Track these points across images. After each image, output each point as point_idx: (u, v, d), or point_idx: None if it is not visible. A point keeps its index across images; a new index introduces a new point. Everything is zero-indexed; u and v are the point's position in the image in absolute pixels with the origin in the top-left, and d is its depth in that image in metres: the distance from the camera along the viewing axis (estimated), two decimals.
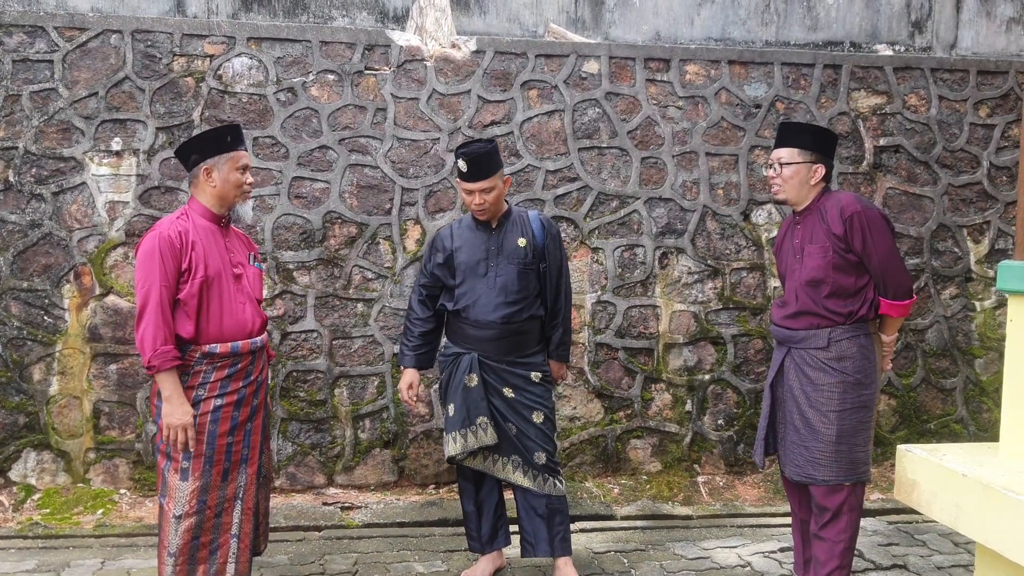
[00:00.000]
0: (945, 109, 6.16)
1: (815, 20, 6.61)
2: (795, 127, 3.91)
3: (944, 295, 6.09)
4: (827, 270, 3.64)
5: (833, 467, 3.62)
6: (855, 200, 3.65)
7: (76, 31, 5.41)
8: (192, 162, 3.45)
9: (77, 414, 5.33)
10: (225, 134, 3.48)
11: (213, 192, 3.47)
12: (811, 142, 3.76)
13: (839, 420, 3.62)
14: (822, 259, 3.65)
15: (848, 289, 3.65)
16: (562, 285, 4.18)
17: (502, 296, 3.99)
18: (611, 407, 5.76)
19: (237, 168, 3.48)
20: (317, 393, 5.54)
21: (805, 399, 3.69)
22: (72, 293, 5.33)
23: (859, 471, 3.66)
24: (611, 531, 4.91)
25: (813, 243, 3.70)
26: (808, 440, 3.67)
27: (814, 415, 3.66)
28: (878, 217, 3.64)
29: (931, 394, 6.03)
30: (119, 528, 4.85)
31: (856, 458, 3.65)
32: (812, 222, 3.73)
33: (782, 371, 3.82)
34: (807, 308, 3.70)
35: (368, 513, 5.12)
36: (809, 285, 3.69)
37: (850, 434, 3.63)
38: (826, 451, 3.62)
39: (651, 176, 5.89)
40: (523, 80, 5.81)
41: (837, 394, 3.63)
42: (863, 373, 3.65)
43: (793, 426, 3.74)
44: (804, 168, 3.73)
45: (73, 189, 5.37)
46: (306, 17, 6.04)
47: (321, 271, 5.58)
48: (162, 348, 3.29)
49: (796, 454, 3.72)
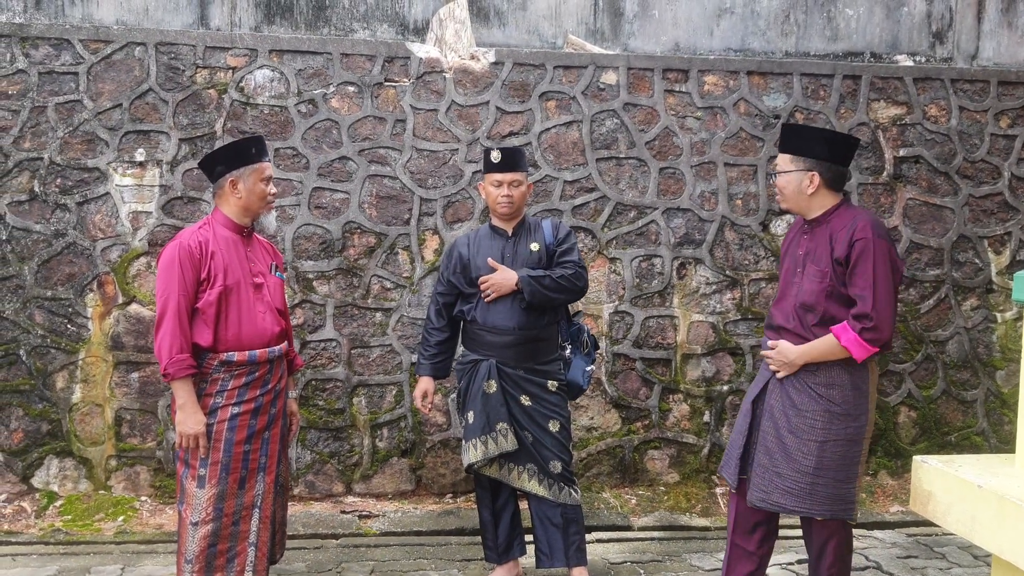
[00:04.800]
0: (966, 120, 6.13)
1: (835, 31, 6.60)
2: (791, 131, 3.61)
3: (965, 306, 6.05)
4: (820, 297, 3.40)
5: (808, 499, 3.36)
6: (869, 226, 3.35)
7: (101, 44, 5.49)
8: (217, 173, 3.51)
9: (99, 422, 5.39)
10: (250, 146, 3.53)
11: (238, 203, 3.52)
12: (805, 148, 3.47)
13: (819, 451, 3.35)
14: (818, 284, 3.41)
15: (839, 320, 3.38)
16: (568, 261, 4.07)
17: (519, 302, 4.01)
18: (628, 417, 5.76)
19: (262, 179, 3.53)
20: (336, 402, 5.57)
21: (786, 423, 3.44)
22: (95, 302, 5.40)
23: (839, 507, 3.40)
24: (628, 542, 4.91)
25: (814, 263, 3.46)
26: (780, 466, 3.42)
27: (793, 442, 3.41)
28: (886, 248, 3.34)
29: (952, 406, 5.99)
30: (139, 535, 4.90)
31: (837, 494, 3.38)
32: (820, 238, 3.47)
33: (765, 389, 3.59)
34: (798, 331, 3.47)
35: (385, 522, 5.15)
36: (802, 308, 3.47)
37: (832, 468, 3.36)
38: (801, 481, 3.36)
39: (669, 186, 5.89)
40: (541, 91, 5.84)
41: (820, 423, 3.37)
42: (851, 404, 3.39)
43: (765, 448, 3.49)
44: (796, 177, 3.48)
45: (97, 199, 5.44)
46: (328, 30, 6.09)
47: (340, 281, 5.62)
48: (178, 356, 3.34)
49: (764, 479, 3.46)
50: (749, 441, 3.61)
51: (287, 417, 3.76)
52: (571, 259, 4.08)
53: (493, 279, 4.01)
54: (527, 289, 3.96)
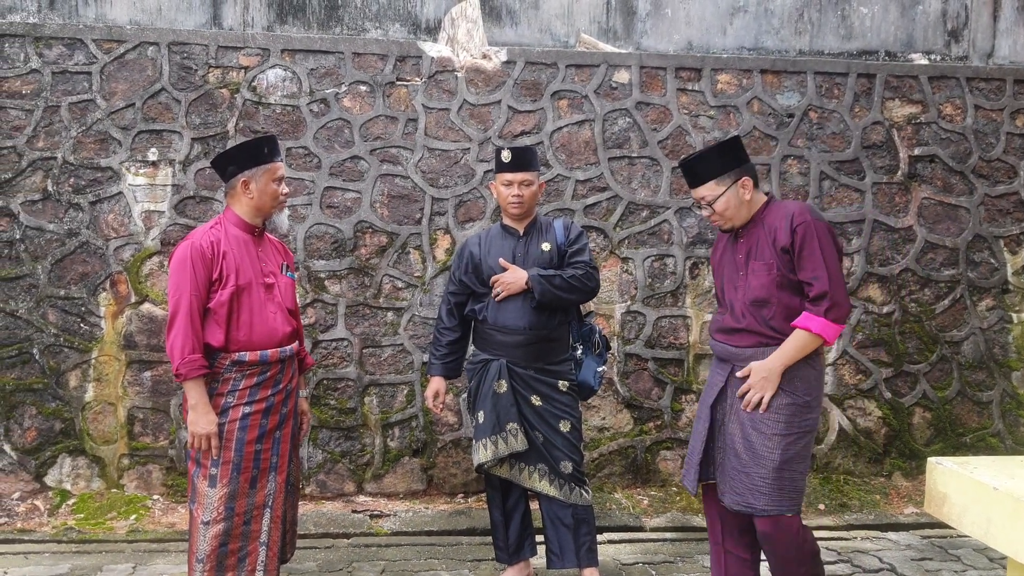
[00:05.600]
0: (981, 118, 6.08)
1: (849, 29, 6.56)
2: (697, 160, 3.55)
3: (980, 307, 6.00)
4: (771, 288, 3.37)
5: (775, 495, 3.31)
6: (805, 210, 3.37)
7: (114, 43, 5.51)
8: (229, 173, 3.50)
9: (112, 420, 5.41)
10: (262, 146, 3.53)
11: (250, 203, 3.52)
12: (721, 165, 3.46)
13: (783, 445, 3.32)
14: (766, 276, 3.38)
15: (795, 308, 3.36)
16: (579, 262, 4.05)
17: (530, 302, 3.99)
18: (640, 418, 5.74)
19: (274, 179, 3.53)
20: (347, 401, 5.57)
21: (750, 421, 3.38)
22: (108, 301, 5.42)
23: (800, 501, 3.39)
24: (640, 543, 4.89)
25: (757, 259, 3.43)
26: (749, 466, 3.37)
27: (758, 439, 3.35)
28: (826, 228, 3.35)
29: (967, 407, 5.94)
30: (151, 533, 4.90)
31: (799, 487, 3.36)
32: (756, 235, 3.46)
33: (724, 392, 3.52)
34: (753, 327, 3.42)
35: (397, 521, 5.14)
36: (754, 304, 3.42)
37: (794, 460, 3.34)
38: (767, 478, 3.32)
39: (681, 186, 5.87)
40: (553, 90, 5.83)
41: (784, 417, 3.34)
42: (812, 395, 3.39)
43: (734, 451, 3.43)
44: (732, 192, 3.44)
45: (110, 199, 5.46)
46: (340, 29, 6.10)
47: (352, 280, 5.62)
48: (190, 356, 3.33)
49: (737, 482, 3.40)
50: (709, 446, 3.56)
51: (298, 416, 3.76)
52: (582, 259, 4.06)
53: (503, 278, 4.00)
54: (537, 288, 3.94)
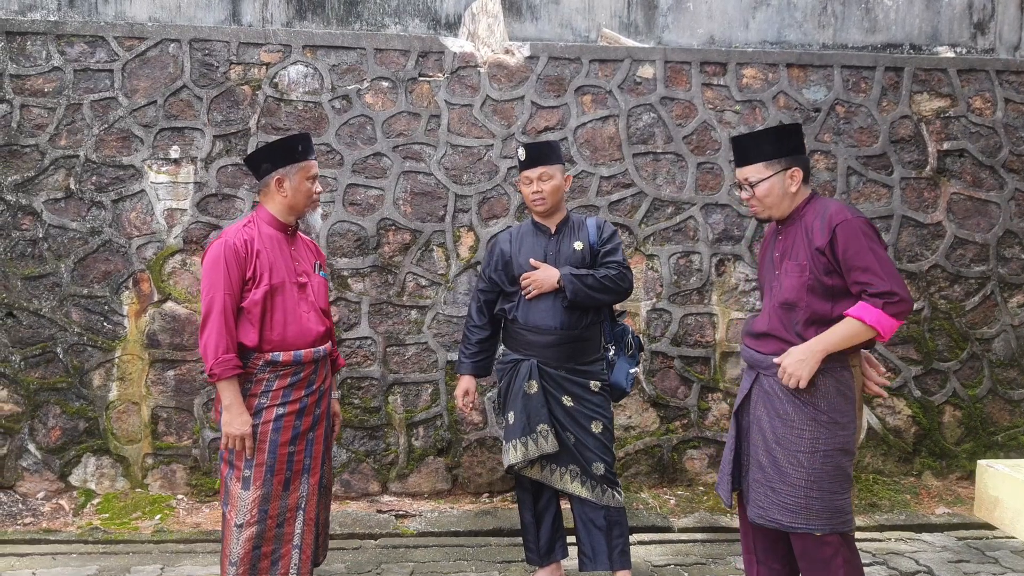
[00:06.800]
0: (1011, 112, 6.00)
1: (873, 22, 6.48)
2: (751, 139, 3.42)
3: (1011, 303, 5.92)
4: (801, 292, 3.24)
5: (805, 514, 3.19)
6: (843, 209, 3.23)
7: (135, 40, 5.47)
8: (263, 171, 3.45)
9: (136, 420, 5.38)
10: (296, 143, 3.48)
11: (284, 201, 3.47)
12: (774, 150, 3.33)
13: (810, 463, 3.19)
14: (798, 279, 3.25)
15: (824, 316, 3.22)
16: (613, 262, 3.99)
17: (561, 301, 3.93)
18: (667, 416, 5.68)
19: (308, 178, 3.48)
20: (371, 400, 5.53)
21: (773, 435, 3.27)
22: (131, 300, 5.38)
23: (837, 520, 3.21)
24: (670, 543, 4.83)
25: (792, 259, 3.30)
26: (775, 481, 3.25)
27: (783, 455, 3.24)
28: (868, 224, 3.21)
29: (998, 405, 5.86)
30: (177, 534, 4.87)
31: (836, 506, 3.21)
32: (794, 233, 3.34)
33: (749, 399, 3.41)
34: (777, 332, 3.31)
35: (422, 521, 5.10)
36: (783, 307, 3.29)
37: (826, 480, 3.19)
38: (796, 495, 3.20)
39: (707, 182, 5.81)
40: (577, 85, 5.77)
41: (808, 433, 3.21)
42: (839, 412, 3.21)
43: (758, 463, 3.32)
44: (778, 180, 3.32)
45: (132, 197, 5.42)
46: (359, 25, 6.04)
47: (375, 278, 5.58)
48: (224, 356, 3.29)
49: (760, 495, 3.30)
50: (738, 453, 3.47)
51: (330, 418, 3.72)
52: (615, 259, 4.00)
53: (535, 276, 3.94)
54: (569, 287, 3.88)
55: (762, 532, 3.45)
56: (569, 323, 3.94)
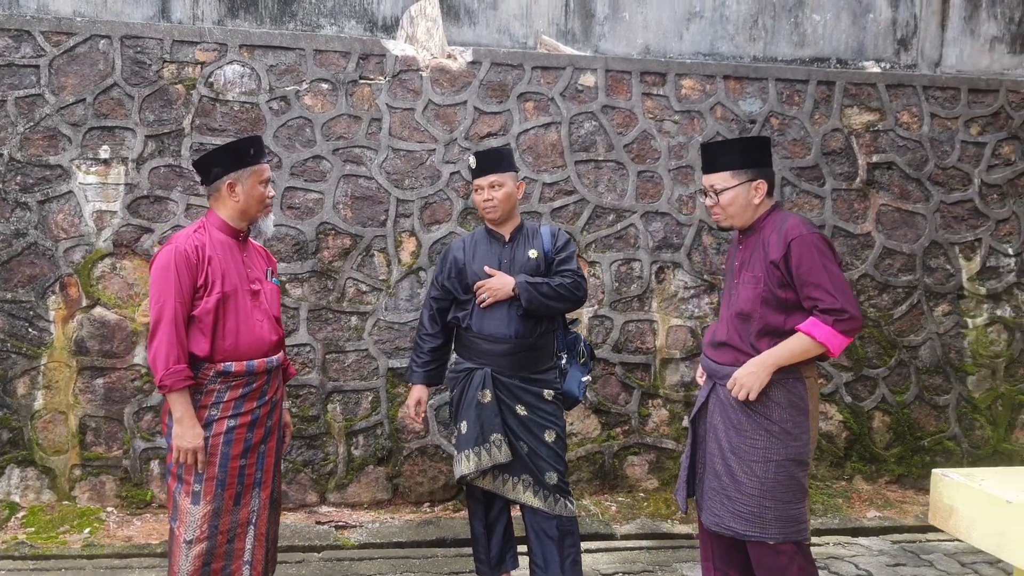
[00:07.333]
0: (937, 126, 6.21)
1: (802, 36, 6.64)
2: (720, 147, 3.46)
3: (937, 312, 6.12)
4: (755, 303, 3.27)
5: (759, 522, 3.22)
6: (800, 224, 3.25)
7: (63, 36, 5.25)
8: (214, 175, 3.32)
9: (62, 429, 5.15)
10: (248, 146, 3.36)
11: (236, 206, 3.35)
12: (742, 160, 3.35)
13: (764, 473, 3.23)
14: (753, 290, 3.29)
15: (777, 328, 3.25)
16: (567, 270, 3.96)
17: (516, 310, 3.90)
18: (608, 423, 5.70)
19: (261, 182, 3.37)
20: (309, 409, 5.41)
21: (728, 443, 3.31)
22: (58, 305, 5.16)
23: (791, 529, 3.24)
24: (616, 551, 4.84)
25: (749, 270, 3.34)
26: (730, 489, 3.28)
27: (737, 464, 3.27)
28: (822, 240, 3.23)
29: (924, 411, 6.05)
30: (108, 548, 4.67)
31: (790, 515, 3.24)
32: (753, 245, 3.37)
33: (706, 407, 3.45)
34: (733, 342, 3.34)
35: (364, 532, 5.01)
36: (738, 317, 3.34)
37: (779, 489, 3.23)
38: (750, 504, 3.24)
39: (647, 190, 5.86)
40: (520, 92, 5.76)
41: (761, 443, 3.24)
42: (791, 423, 3.24)
43: (714, 471, 3.35)
44: (743, 190, 3.35)
45: (59, 198, 5.20)
46: (293, 25, 5.93)
47: (314, 283, 5.46)
48: (175, 367, 3.16)
49: (716, 503, 3.33)
50: (694, 461, 3.51)
51: (281, 429, 3.62)
52: (570, 267, 3.98)
53: (490, 284, 3.90)
54: (525, 296, 3.85)
55: (719, 540, 3.48)
56: (523, 332, 3.91)
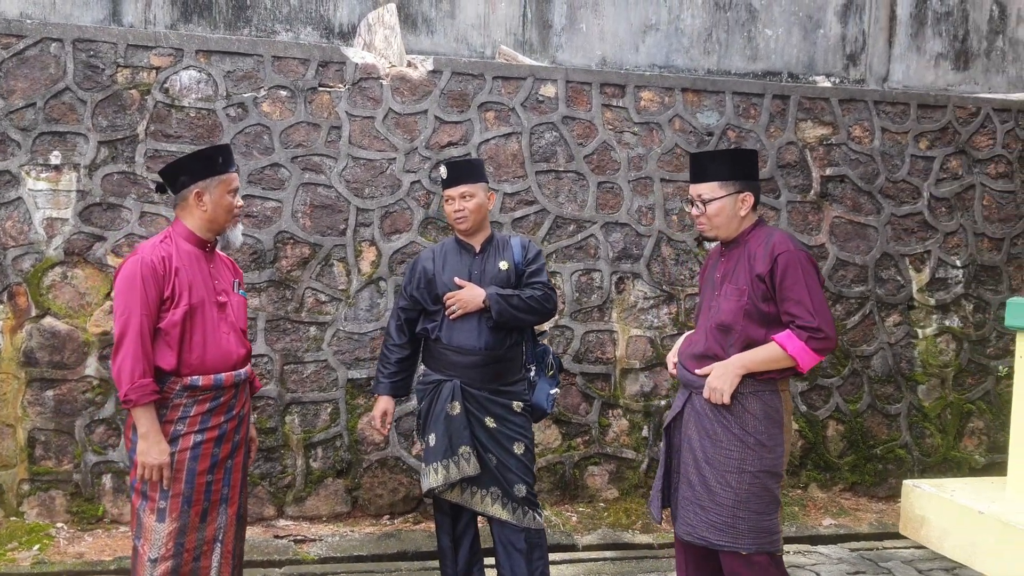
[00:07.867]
0: (887, 140, 6.34)
1: (755, 50, 6.74)
2: (710, 157, 3.50)
3: (888, 322, 6.24)
4: (738, 315, 3.30)
5: (732, 533, 3.24)
6: (787, 239, 3.30)
7: (12, 38, 5.10)
8: (181, 184, 3.24)
9: (10, 443, 4.99)
10: (217, 155, 3.29)
11: (203, 216, 3.27)
12: (730, 171, 3.38)
13: (738, 484, 3.25)
14: (736, 302, 3.31)
15: (758, 341, 3.27)
16: (538, 282, 3.96)
17: (486, 322, 3.88)
18: (569, 433, 5.70)
19: (229, 191, 3.29)
20: (267, 420, 5.32)
21: (703, 453, 3.32)
22: (6, 314, 5.00)
23: (764, 540, 3.26)
24: (580, 563, 4.84)
25: (732, 283, 3.36)
26: (704, 499, 3.30)
27: (711, 474, 3.29)
28: (808, 259, 3.28)
29: (877, 419, 6.16)
30: (59, 565, 4.53)
31: (763, 526, 3.26)
32: (737, 257, 3.39)
33: (681, 416, 3.46)
34: (712, 352, 3.36)
35: (323, 546, 4.93)
36: (719, 329, 3.35)
37: (753, 500, 3.25)
38: (723, 514, 3.26)
39: (607, 201, 5.88)
40: (480, 101, 5.74)
41: (735, 454, 3.26)
42: (766, 435, 3.26)
43: (688, 480, 3.37)
44: (729, 201, 3.37)
45: (8, 204, 5.04)
46: (248, 30, 5.85)
47: (272, 293, 5.38)
48: (140, 381, 3.07)
49: (689, 512, 3.35)
50: (668, 470, 3.52)
51: (247, 443, 3.54)
52: (540, 279, 3.97)
53: (460, 295, 3.88)
54: (495, 308, 3.83)
55: (692, 549, 3.48)
56: (493, 343, 3.89)
